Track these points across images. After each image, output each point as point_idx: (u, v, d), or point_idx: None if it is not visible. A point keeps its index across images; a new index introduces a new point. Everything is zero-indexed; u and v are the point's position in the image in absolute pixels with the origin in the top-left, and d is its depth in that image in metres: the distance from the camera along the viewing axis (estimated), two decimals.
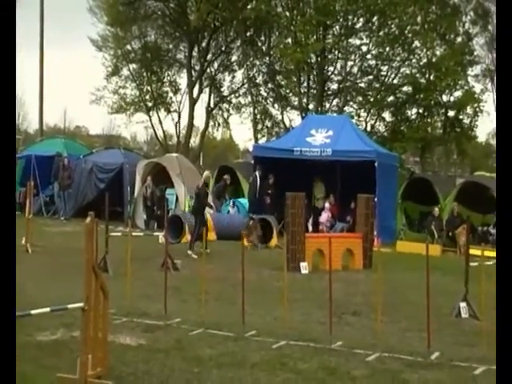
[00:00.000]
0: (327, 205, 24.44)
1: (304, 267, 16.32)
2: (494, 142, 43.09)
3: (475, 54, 40.77)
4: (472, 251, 13.45)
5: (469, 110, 39.79)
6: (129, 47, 44.52)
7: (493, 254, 20.26)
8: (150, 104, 45.38)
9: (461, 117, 40.34)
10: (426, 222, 24.64)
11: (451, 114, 40.48)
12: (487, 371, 8.25)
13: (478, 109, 39.74)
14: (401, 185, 27.18)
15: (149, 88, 45.22)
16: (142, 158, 30.22)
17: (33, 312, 7.48)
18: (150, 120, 46.08)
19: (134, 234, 17.04)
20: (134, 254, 12.30)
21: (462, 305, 11.97)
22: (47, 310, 7.62)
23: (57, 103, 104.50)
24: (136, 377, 7.55)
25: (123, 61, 44.70)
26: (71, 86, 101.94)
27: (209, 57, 44.61)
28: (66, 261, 15.31)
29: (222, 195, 26.93)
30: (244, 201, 26.32)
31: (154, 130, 47.33)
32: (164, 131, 47.62)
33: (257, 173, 25.48)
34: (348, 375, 8.00)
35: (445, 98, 40.07)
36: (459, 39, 40.12)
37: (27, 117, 61.62)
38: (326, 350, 9.01)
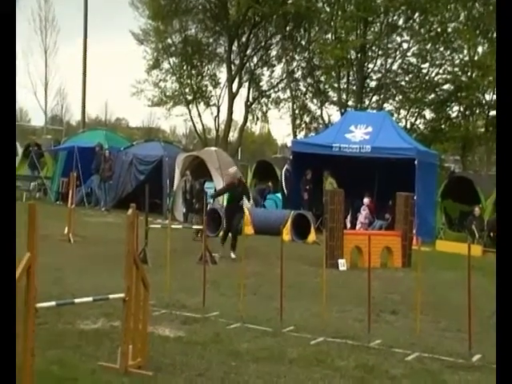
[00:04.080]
0: (366, 201, 24.29)
1: (342, 264, 16.26)
2: None
3: None
4: None
5: None
6: (169, 41, 44.70)
7: None
8: (189, 97, 45.48)
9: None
10: (466, 222, 24.37)
11: (493, 113, 39.98)
12: None
13: None
14: (440, 183, 26.96)
15: (189, 81, 45.32)
16: (182, 151, 30.26)
17: (76, 301, 7.56)
18: (190, 113, 46.22)
19: (172, 226, 17.12)
20: (172, 246, 12.34)
21: None
22: (90, 299, 7.69)
23: (98, 95, 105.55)
24: (175, 368, 7.57)
25: (164, 54, 44.93)
26: (112, 78, 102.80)
27: (248, 51, 44.59)
28: (107, 251, 15.43)
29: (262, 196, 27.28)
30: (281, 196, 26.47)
31: (193, 124, 47.39)
32: (203, 125, 47.73)
33: (284, 169, 25.71)
34: (386, 374, 7.94)
35: (487, 96, 39.59)
36: None
37: (70, 108, 62.46)
38: (363, 348, 8.96)
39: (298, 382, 7.47)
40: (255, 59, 45.45)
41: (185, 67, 45.19)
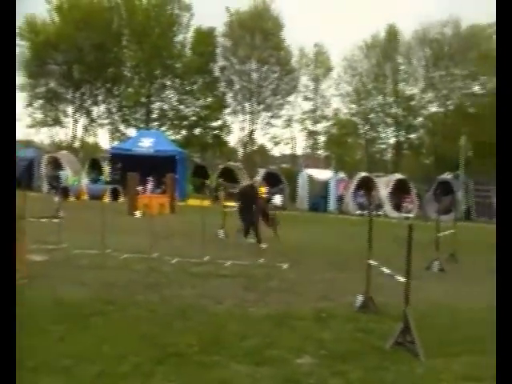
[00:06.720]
0: (150, 179, 23.96)
1: (137, 213, 15.83)
2: (238, 146, 43.35)
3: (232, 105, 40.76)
4: (225, 203, 13.93)
5: (224, 132, 40.63)
6: (38, 90, 39.52)
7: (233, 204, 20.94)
8: (51, 124, 40.56)
9: (221, 135, 41.14)
10: (202, 188, 25.12)
11: (216, 132, 40.89)
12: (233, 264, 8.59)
13: (227, 130, 40.64)
14: (190, 168, 27.39)
15: (50, 115, 40.39)
16: (45, 153, 27.44)
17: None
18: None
19: (31, 194, 15.26)
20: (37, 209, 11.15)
21: (220, 231, 12.34)
22: None
23: None
24: (42, 276, 6.93)
25: (34, 97, 39.63)
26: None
27: (85, 97, 40.98)
28: None
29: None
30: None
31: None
32: (56, 140, 42.76)
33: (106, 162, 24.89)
34: (161, 270, 7.98)
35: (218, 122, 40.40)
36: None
37: None
38: (149, 259, 8.87)
39: (113, 276, 7.24)
40: (89, 101, 41.82)
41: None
